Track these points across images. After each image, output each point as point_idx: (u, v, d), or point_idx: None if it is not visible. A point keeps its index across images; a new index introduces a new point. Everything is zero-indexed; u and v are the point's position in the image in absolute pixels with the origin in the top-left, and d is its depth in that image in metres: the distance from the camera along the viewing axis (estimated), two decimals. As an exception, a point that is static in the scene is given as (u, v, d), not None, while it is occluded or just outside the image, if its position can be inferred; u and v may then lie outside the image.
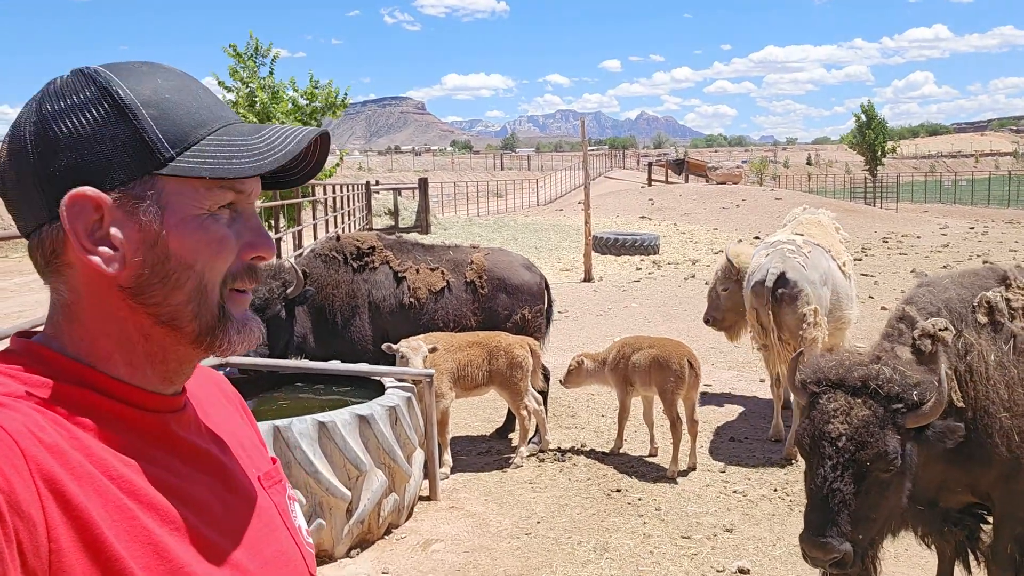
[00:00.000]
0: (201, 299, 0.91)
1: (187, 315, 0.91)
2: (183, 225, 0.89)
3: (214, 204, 0.91)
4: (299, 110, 20.45)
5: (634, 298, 14.62)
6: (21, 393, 0.83)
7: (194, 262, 0.90)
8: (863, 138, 59.82)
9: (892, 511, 3.21)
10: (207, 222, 0.90)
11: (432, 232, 23.74)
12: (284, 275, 6.16)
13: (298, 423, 4.55)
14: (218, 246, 0.91)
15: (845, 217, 27.96)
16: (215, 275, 0.92)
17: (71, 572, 0.76)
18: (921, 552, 4.55)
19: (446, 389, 6.05)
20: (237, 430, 1.09)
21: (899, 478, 3.12)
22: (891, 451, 3.00)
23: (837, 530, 3.01)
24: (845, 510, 3.02)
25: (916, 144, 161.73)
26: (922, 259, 19.23)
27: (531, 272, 7.13)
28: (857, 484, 3.03)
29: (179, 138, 0.89)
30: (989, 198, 45.73)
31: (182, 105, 0.91)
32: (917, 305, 3.52)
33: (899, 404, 3.05)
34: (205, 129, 0.91)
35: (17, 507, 0.73)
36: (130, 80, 0.90)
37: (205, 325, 0.92)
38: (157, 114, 0.89)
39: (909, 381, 3.10)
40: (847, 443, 3.03)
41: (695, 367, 6.19)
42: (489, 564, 4.65)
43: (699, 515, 5.35)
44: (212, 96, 0.96)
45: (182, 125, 0.90)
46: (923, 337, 3.35)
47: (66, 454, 0.80)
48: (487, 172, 70.36)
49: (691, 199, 33.29)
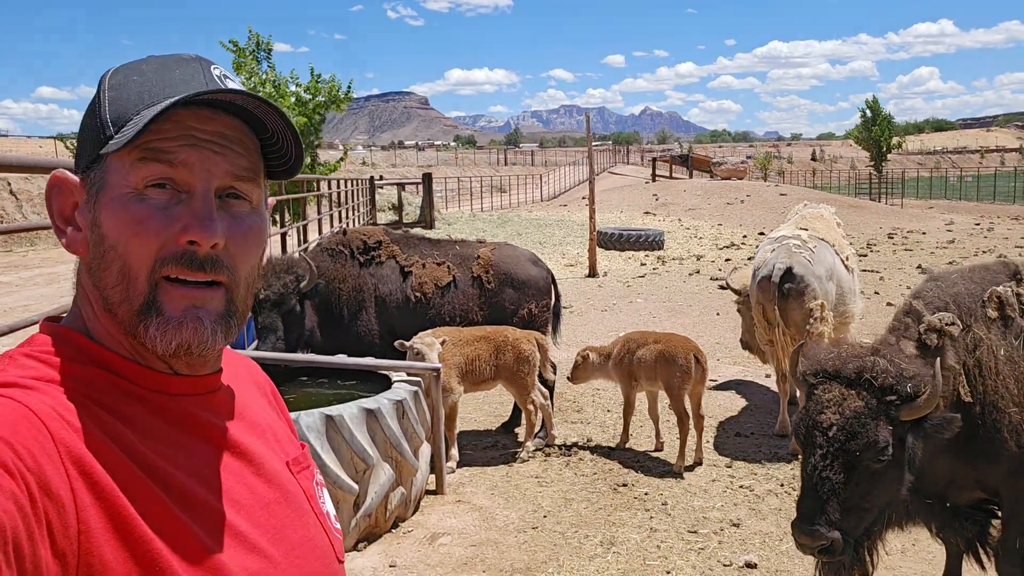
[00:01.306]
0: (128, 283, 0.88)
1: (115, 299, 0.89)
2: (110, 204, 0.88)
3: (141, 181, 0.87)
4: (302, 104, 20.47)
5: (639, 293, 14.61)
6: (50, 376, 0.84)
7: (116, 242, 0.88)
8: (869, 133, 59.64)
9: (889, 502, 3.22)
10: (130, 201, 0.87)
11: (436, 227, 23.73)
12: (297, 269, 6.18)
13: (305, 416, 4.56)
14: (136, 226, 0.87)
15: (850, 213, 27.97)
16: (137, 259, 0.87)
17: (100, 552, 0.76)
18: (930, 547, 4.55)
19: (454, 383, 6.05)
20: (267, 415, 1.09)
21: (894, 470, 3.12)
22: (882, 442, 3.02)
23: (826, 518, 3.06)
24: (835, 499, 3.06)
25: (921, 140, 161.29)
26: (927, 255, 19.19)
27: (538, 267, 7.12)
28: (847, 474, 3.06)
29: (121, 116, 0.89)
30: (995, 194, 45.58)
31: (141, 84, 0.90)
32: (924, 300, 3.51)
33: (893, 396, 3.07)
34: (143, 105, 0.89)
35: (47, 488, 0.74)
36: (122, 69, 0.93)
37: (130, 312, 0.88)
38: (114, 95, 0.90)
39: (904, 373, 3.11)
40: (837, 432, 3.06)
41: (701, 362, 6.19)
42: (496, 557, 4.66)
43: (706, 510, 5.36)
44: (190, 74, 0.92)
45: (127, 104, 0.89)
46: (929, 331, 3.35)
47: (93, 437, 0.80)
48: (491, 167, 70.29)
49: (695, 195, 33.24)
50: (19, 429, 0.75)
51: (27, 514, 0.71)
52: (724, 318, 12.10)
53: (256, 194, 0.95)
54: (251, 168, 0.94)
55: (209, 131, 0.90)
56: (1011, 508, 3.47)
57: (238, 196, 0.93)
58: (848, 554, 3.17)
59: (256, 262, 0.97)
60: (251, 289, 0.96)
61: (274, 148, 0.98)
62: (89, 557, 0.75)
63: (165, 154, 0.87)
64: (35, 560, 0.71)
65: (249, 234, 0.94)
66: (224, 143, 0.91)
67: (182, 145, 0.88)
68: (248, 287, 0.95)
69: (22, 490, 0.72)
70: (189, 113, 0.89)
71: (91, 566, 0.75)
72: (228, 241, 0.90)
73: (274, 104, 0.92)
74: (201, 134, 0.89)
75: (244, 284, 0.94)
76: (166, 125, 0.87)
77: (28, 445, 0.74)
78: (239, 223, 0.92)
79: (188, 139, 0.88)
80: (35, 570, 0.71)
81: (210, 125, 0.90)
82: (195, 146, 0.89)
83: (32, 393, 0.80)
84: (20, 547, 0.70)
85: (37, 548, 0.72)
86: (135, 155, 0.87)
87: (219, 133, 0.91)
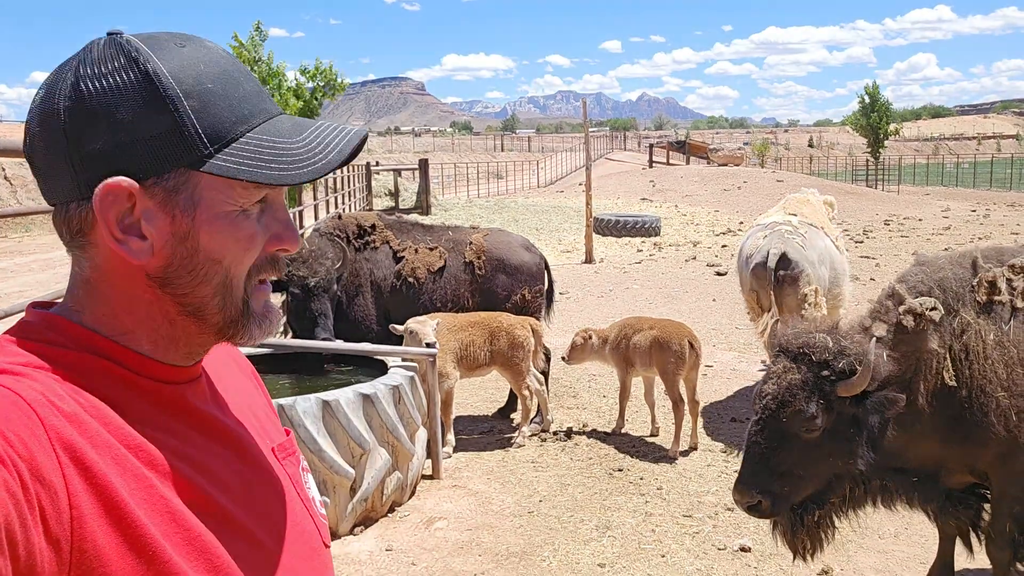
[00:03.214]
0: (227, 293, 0.91)
1: (213, 308, 0.91)
2: (214, 221, 0.88)
3: (247, 202, 0.90)
4: (299, 89, 20.48)
5: (635, 280, 14.63)
6: (38, 363, 0.83)
7: (222, 258, 0.89)
8: (867, 120, 59.55)
9: (838, 475, 3.35)
10: (239, 219, 0.89)
11: (432, 213, 23.69)
12: (330, 252, 6.23)
13: (302, 402, 4.57)
14: (247, 243, 0.90)
15: (847, 200, 27.98)
16: (241, 270, 0.91)
17: (93, 539, 0.76)
18: (923, 531, 4.59)
19: (450, 369, 6.07)
20: (251, 401, 1.09)
21: (838, 443, 3.26)
22: (809, 413, 3.20)
23: (755, 480, 3.31)
24: (766, 463, 3.30)
25: (919, 126, 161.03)
26: (924, 242, 19.21)
27: (531, 252, 7.13)
28: (780, 441, 3.28)
29: (219, 134, 0.87)
30: (991, 181, 45.59)
31: (224, 97, 0.88)
32: (908, 284, 3.57)
33: (827, 371, 3.24)
34: (245, 126, 0.88)
35: (39, 475, 0.74)
36: (172, 62, 0.87)
37: (229, 318, 0.92)
38: (198, 107, 0.86)
39: (844, 352, 3.25)
40: (770, 401, 3.29)
41: (696, 348, 6.21)
42: (492, 542, 4.69)
43: (700, 494, 5.39)
44: (254, 83, 0.93)
45: (222, 120, 0.87)
46: (907, 314, 3.42)
47: (84, 423, 0.80)
48: (487, 153, 70.08)
49: (692, 181, 33.21)
50: (9, 416, 0.75)
51: (19, 501, 0.71)
52: (720, 304, 12.13)
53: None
54: None
55: None
56: (1000, 491, 3.50)
57: None
58: (785, 517, 3.39)
59: None
60: None
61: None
62: (82, 543, 0.75)
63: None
64: (28, 547, 0.71)
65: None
66: None
67: None
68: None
69: (13, 477, 0.71)
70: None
71: (84, 552, 0.75)
72: None
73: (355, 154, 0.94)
74: None
75: None
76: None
77: (18, 432, 0.74)
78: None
79: None
80: (28, 557, 0.71)
81: None
82: None
83: (21, 379, 0.80)
84: (13, 534, 0.70)
85: (30, 534, 0.72)
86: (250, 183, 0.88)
87: None
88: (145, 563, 0.79)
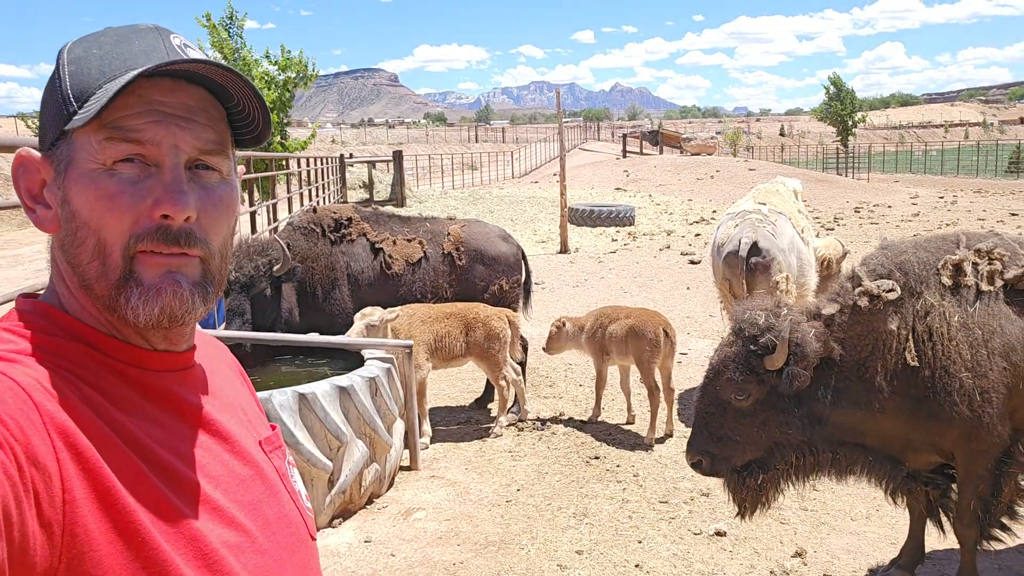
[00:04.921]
0: (102, 259, 0.88)
1: (91, 275, 0.89)
2: (79, 181, 0.88)
3: (109, 158, 0.87)
4: (272, 81, 20.25)
5: (610, 269, 14.70)
6: (31, 350, 0.85)
7: (89, 219, 0.87)
8: (833, 109, 60.13)
9: (777, 442, 3.59)
10: (101, 177, 0.87)
11: (407, 205, 23.60)
12: (271, 252, 6.12)
13: (278, 395, 4.56)
14: (108, 202, 0.87)
15: (818, 187, 28.28)
16: (112, 234, 0.87)
17: (84, 523, 0.77)
18: (893, 512, 4.68)
19: (423, 360, 6.08)
20: (239, 396, 1.11)
21: (773, 413, 3.52)
22: (736, 382, 3.51)
23: (698, 441, 3.72)
24: (706, 427, 3.68)
25: (887, 115, 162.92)
26: (893, 228, 19.50)
27: (508, 243, 7.15)
28: (717, 408, 3.63)
29: (83, 90, 0.88)
30: (958, 168, 46.31)
31: (102, 57, 0.89)
32: (868, 267, 3.69)
33: (754, 346, 3.52)
34: (105, 78, 0.88)
35: (33, 458, 0.75)
36: (80, 42, 0.92)
37: (107, 287, 0.89)
38: (74, 70, 0.89)
39: (770, 329, 3.50)
40: (710, 371, 3.67)
41: (671, 336, 6.27)
42: (470, 531, 4.72)
43: (676, 480, 5.46)
44: (150, 44, 0.91)
45: (89, 78, 0.88)
46: (862, 295, 3.56)
47: (76, 409, 0.81)
48: (462, 144, 69.90)
49: (666, 170, 33.38)
50: (5, 400, 0.76)
51: (15, 483, 0.72)
52: (694, 292, 12.24)
53: (225, 164, 0.95)
54: (218, 139, 0.94)
55: (173, 104, 0.89)
56: (965, 471, 3.58)
57: (207, 167, 0.93)
58: (729, 477, 3.69)
59: (229, 232, 0.97)
60: (226, 258, 0.97)
61: (241, 116, 0.97)
62: (74, 527, 0.76)
63: (132, 132, 0.87)
64: (23, 529, 0.72)
65: (220, 205, 0.93)
66: (190, 115, 0.90)
67: (148, 122, 0.87)
68: (223, 257, 0.96)
69: (10, 459, 0.73)
70: (152, 85, 0.88)
71: (75, 536, 0.76)
72: (200, 213, 0.91)
73: (236, 70, 0.91)
74: (166, 108, 0.88)
75: (219, 254, 0.95)
76: (130, 99, 0.86)
77: (14, 415, 0.75)
78: (210, 194, 0.92)
79: (153, 114, 0.88)
80: (22, 539, 0.72)
81: (174, 97, 0.89)
82: (161, 122, 0.88)
83: (16, 366, 0.81)
84: (9, 515, 0.71)
85: (24, 517, 0.73)
86: (102, 134, 0.86)
87: (184, 105, 0.90)
88: (135, 549, 0.80)
